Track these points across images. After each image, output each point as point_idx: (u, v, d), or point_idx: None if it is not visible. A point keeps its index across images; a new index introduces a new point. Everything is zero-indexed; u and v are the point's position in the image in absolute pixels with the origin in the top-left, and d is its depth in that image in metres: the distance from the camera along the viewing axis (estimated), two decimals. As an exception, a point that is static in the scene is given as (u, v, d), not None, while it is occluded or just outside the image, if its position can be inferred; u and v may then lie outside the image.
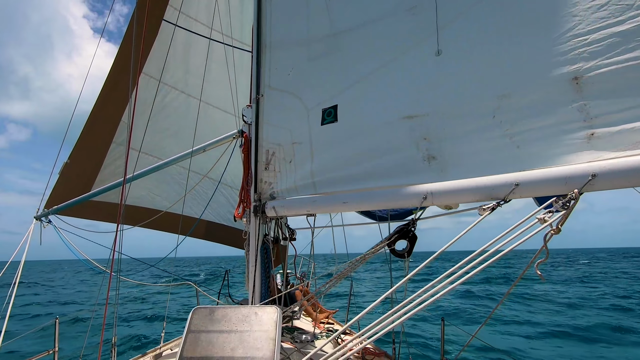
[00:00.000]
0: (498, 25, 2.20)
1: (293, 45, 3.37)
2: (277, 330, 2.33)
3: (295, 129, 3.30)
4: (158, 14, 6.12)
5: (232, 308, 2.54)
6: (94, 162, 6.15)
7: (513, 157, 2.07)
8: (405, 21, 2.64)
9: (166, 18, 6.21)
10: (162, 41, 6.23)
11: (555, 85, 1.97)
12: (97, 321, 6.79)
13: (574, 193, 1.70)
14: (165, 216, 6.53)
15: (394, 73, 2.68)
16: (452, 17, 2.39)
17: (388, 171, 2.63)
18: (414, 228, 2.45)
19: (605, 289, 21.74)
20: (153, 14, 5.96)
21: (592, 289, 21.55)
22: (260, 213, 3.49)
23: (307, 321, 4.68)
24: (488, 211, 1.98)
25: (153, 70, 6.20)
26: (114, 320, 4.68)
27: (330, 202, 2.95)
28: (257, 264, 3.53)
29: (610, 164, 1.68)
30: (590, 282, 25.88)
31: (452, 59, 2.38)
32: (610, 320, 12.73)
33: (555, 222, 1.69)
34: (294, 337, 3.88)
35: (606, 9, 1.85)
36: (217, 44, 6.56)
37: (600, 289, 21.80)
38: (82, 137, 5.97)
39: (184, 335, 2.36)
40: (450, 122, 2.35)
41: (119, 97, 6.09)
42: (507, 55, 2.15)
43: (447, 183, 2.25)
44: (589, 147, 1.84)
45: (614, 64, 1.81)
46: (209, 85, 6.50)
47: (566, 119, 1.93)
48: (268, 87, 3.50)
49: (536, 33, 2.05)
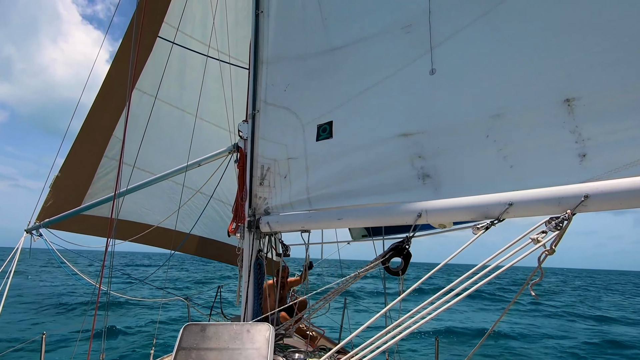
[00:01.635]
0: (491, 46, 2.24)
1: (289, 61, 3.41)
2: (269, 349, 2.30)
3: (291, 144, 3.31)
4: (153, 30, 6.17)
5: (224, 325, 2.51)
6: (85, 176, 6.11)
7: (507, 177, 2.09)
8: (400, 39, 2.68)
9: (161, 35, 6.27)
10: (156, 57, 6.28)
11: (548, 107, 2.01)
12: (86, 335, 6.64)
13: (567, 214, 1.71)
14: (157, 231, 6.47)
15: (389, 90, 2.72)
16: (446, 37, 2.43)
17: (383, 188, 2.64)
18: (408, 245, 2.45)
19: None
20: (148, 30, 6.02)
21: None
22: (255, 228, 3.47)
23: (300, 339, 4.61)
24: (482, 230, 1.99)
25: (146, 86, 6.22)
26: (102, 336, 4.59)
27: (325, 218, 2.94)
28: (250, 280, 3.49)
29: (603, 185, 1.70)
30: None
31: (446, 78, 2.42)
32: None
33: (549, 242, 1.70)
34: (287, 355, 3.82)
35: (600, 34, 1.89)
36: (210, 60, 6.61)
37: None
38: (74, 150, 5.94)
39: (174, 352, 2.32)
40: (445, 141, 2.37)
41: (110, 111, 6.09)
42: (500, 76, 2.19)
43: (441, 201, 2.26)
44: (581, 168, 1.87)
45: (605, 88, 1.85)
46: (202, 100, 6.54)
47: (559, 140, 1.96)
48: (264, 102, 3.52)
49: (530, 55, 2.09)
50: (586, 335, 14.46)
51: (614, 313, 21.62)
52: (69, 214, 5.28)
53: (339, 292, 3.07)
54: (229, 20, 6.58)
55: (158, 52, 6.29)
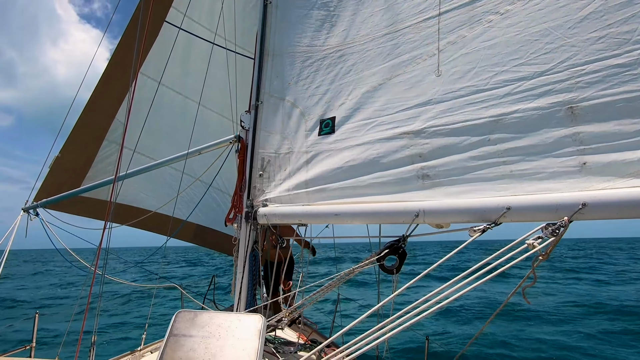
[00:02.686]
0: (498, 49, 2.23)
1: (295, 54, 3.39)
2: (260, 340, 2.31)
3: (292, 138, 3.31)
4: (161, 14, 6.13)
5: (217, 314, 2.52)
6: (85, 158, 6.09)
7: (506, 181, 2.10)
8: (407, 39, 2.67)
9: (168, 19, 6.23)
10: (162, 42, 6.24)
11: (550, 113, 2.00)
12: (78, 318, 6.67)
13: (563, 221, 1.72)
14: (154, 217, 6.47)
15: (394, 89, 2.71)
16: (453, 39, 2.42)
17: (381, 186, 2.65)
18: (404, 244, 2.46)
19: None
20: (155, 14, 5.97)
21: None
22: (252, 220, 3.47)
23: (291, 332, 4.63)
24: (478, 233, 1.99)
25: (150, 70, 6.19)
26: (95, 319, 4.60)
27: (322, 214, 2.95)
28: (245, 270, 3.50)
29: (601, 195, 1.70)
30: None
31: (451, 80, 2.41)
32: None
33: (544, 248, 1.71)
34: (277, 347, 3.84)
35: (604, 41, 1.89)
36: (216, 47, 6.57)
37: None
38: (75, 132, 5.91)
39: (165, 338, 2.33)
40: (446, 142, 2.37)
41: (113, 94, 6.06)
42: (504, 80, 2.19)
43: (439, 202, 2.27)
44: (580, 175, 1.87)
45: (608, 95, 1.85)
46: (206, 88, 6.51)
47: (559, 146, 1.96)
48: (268, 94, 3.52)
49: (534, 60, 2.09)
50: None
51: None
52: (67, 195, 5.28)
53: (333, 288, 3.09)
54: (236, 8, 6.54)
55: (164, 37, 6.24)
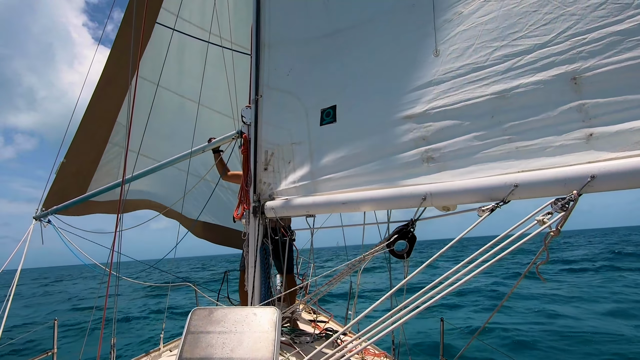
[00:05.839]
0: (496, 24, 2.19)
1: (292, 44, 3.36)
2: (276, 331, 2.33)
3: (295, 129, 3.30)
4: (151, 16, 6.11)
5: (231, 309, 2.54)
6: (90, 161, 6.15)
7: (512, 158, 2.07)
8: (403, 20, 2.63)
9: (159, 21, 6.21)
10: (155, 44, 6.23)
11: (554, 85, 1.97)
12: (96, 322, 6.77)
13: (573, 194, 1.70)
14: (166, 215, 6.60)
15: (393, 73, 2.68)
16: (449, 16, 2.39)
17: (387, 172, 2.63)
18: (413, 229, 2.45)
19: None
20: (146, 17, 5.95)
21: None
22: (260, 214, 3.48)
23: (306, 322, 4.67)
24: (487, 212, 1.98)
25: (146, 73, 6.19)
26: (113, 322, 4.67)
27: (330, 203, 2.94)
28: (257, 265, 3.52)
29: (610, 165, 1.68)
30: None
31: (450, 59, 2.38)
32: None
33: (555, 223, 1.69)
34: (293, 337, 3.87)
35: (605, 7, 1.85)
36: (211, 46, 6.55)
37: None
38: (78, 136, 5.96)
39: (183, 336, 2.36)
40: (449, 123, 2.34)
41: (112, 97, 6.09)
42: (504, 55, 2.15)
43: (446, 184, 2.25)
44: (588, 148, 1.84)
45: (612, 64, 1.81)
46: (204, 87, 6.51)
47: (565, 119, 1.93)
48: (267, 87, 3.49)
49: (533, 32, 2.05)
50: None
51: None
52: (77, 201, 5.33)
53: (346, 275, 3.10)
54: (228, 4, 6.50)
55: (156, 39, 6.24)
